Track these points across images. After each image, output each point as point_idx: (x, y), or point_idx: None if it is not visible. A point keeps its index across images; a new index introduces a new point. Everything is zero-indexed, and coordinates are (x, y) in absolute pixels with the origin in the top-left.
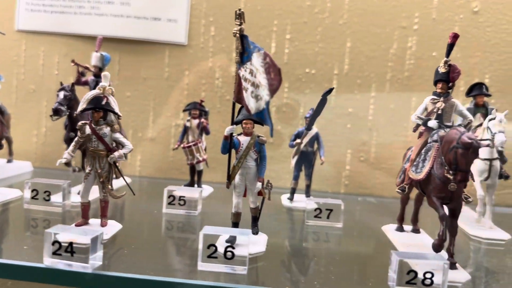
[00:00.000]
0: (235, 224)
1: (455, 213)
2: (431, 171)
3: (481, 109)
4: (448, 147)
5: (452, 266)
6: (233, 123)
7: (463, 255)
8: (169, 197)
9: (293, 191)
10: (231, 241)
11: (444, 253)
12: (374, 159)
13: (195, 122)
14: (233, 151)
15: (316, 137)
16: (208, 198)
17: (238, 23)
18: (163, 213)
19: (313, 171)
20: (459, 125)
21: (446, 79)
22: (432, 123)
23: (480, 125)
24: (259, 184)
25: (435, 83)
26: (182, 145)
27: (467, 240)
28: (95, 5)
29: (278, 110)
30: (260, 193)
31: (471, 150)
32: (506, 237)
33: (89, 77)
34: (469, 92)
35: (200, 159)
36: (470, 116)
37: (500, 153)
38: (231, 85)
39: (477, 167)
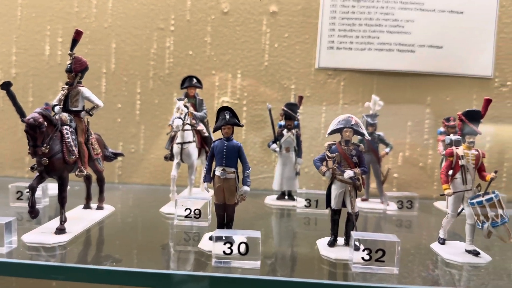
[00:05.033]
0: None
1: (59, 185)
2: None
3: (191, 99)
4: None
5: (59, 231)
6: None
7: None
8: None
9: None
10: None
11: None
12: (143, 150)
13: None
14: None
15: None
16: None
17: None
18: None
19: None
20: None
21: (71, 70)
22: (57, 109)
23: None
24: None
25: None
26: None
27: (159, 216)
28: None
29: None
30: None
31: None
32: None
33: None
34: (182, 85)
35: None
36: (96, 101)
37: (205, 138)
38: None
39: (173, 150)
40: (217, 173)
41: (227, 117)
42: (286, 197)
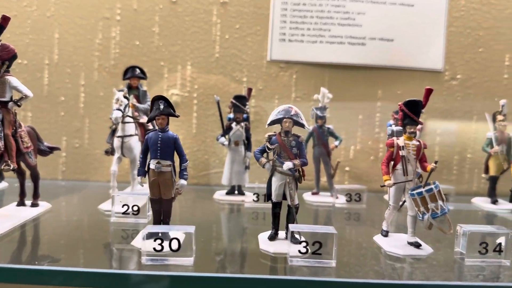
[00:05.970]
0: None
1: None
2: None
3: (135, 91)
4: None
5: None
6: None
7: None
8: None
9: None
10: None
11: None
12: (88, 145)
13: None
14: None
15: None
16: None
17: None
18: None
19: None
20: None
21: None
22: None
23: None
24: None
25: None
26: None
27: (97, 213)
28: None
29: None
30: None
31: None
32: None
33: None
34: (124, 75)
35: None
36: (25, 91)
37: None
38: None
39: (114, 144)
40: (152, 166)
41: (162, 107)
42: (236, 191)
